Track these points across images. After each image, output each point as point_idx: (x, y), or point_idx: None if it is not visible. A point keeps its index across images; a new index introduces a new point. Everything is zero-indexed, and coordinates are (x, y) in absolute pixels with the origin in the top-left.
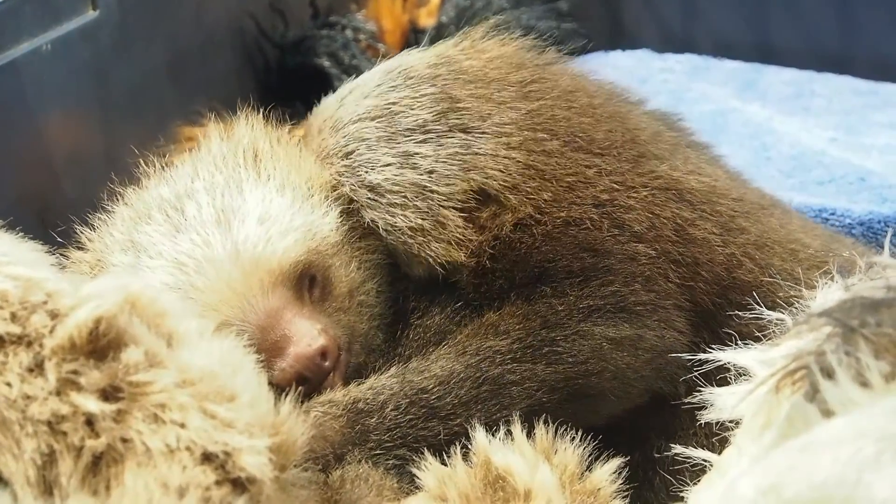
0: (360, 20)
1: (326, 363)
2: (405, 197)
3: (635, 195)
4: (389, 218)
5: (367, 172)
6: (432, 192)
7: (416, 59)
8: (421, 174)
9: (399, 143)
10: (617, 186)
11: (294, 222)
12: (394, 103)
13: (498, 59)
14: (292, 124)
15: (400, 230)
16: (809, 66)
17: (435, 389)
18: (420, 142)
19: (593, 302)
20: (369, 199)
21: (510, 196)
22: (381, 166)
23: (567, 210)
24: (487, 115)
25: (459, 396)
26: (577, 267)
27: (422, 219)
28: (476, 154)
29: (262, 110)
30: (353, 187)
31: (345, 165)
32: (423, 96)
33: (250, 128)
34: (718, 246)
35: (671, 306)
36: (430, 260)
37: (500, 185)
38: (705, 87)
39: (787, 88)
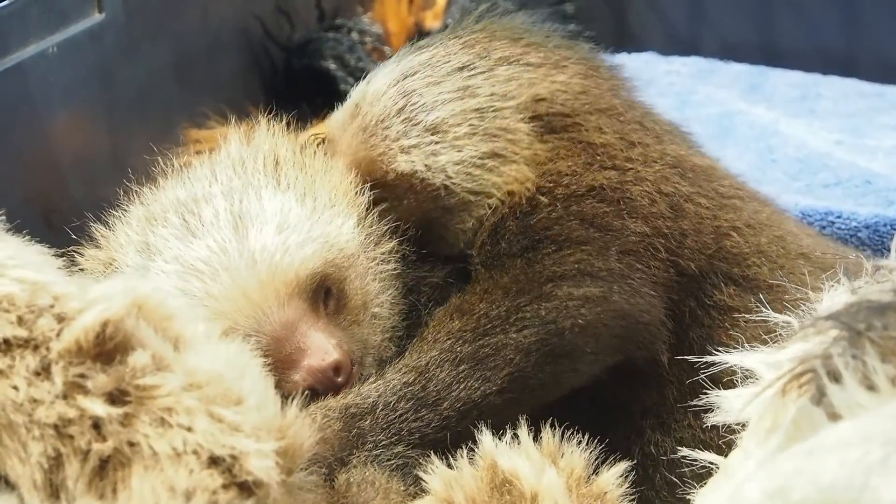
0: (365, 23)
1: (339, 378)
2: (472, 124)
3: (649, 169)
4: (457, 154)
5: (426, 114)
6: (498, 109)
7: (428, 39)
8: (482, 98)
9: (450, 81)
10: (640, 158)
11: (313, 233)
12: (430, 58)
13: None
14: (299, 127)
15: (468, 163)
16: (815, 68)
17: (417, 380)
18: (470, 76)
19: (558, 268)
20: (433, 142)
21: (577, 108)
22: (439, 104)
23: (595, 175)
24: (526, 53)
25: (441, 381)
26: (563, 237)
27: (491, 141)
28: (532, 76)
29: (274, 114)
30: (414, 140)
31: (402, 121)
32: (455, 46)
33: (272, 134)
34: (708, 218)
35: (646, 280)
36: (497, 191)
37: (564, 98)
38: (711, 90)
39: (793, 91)
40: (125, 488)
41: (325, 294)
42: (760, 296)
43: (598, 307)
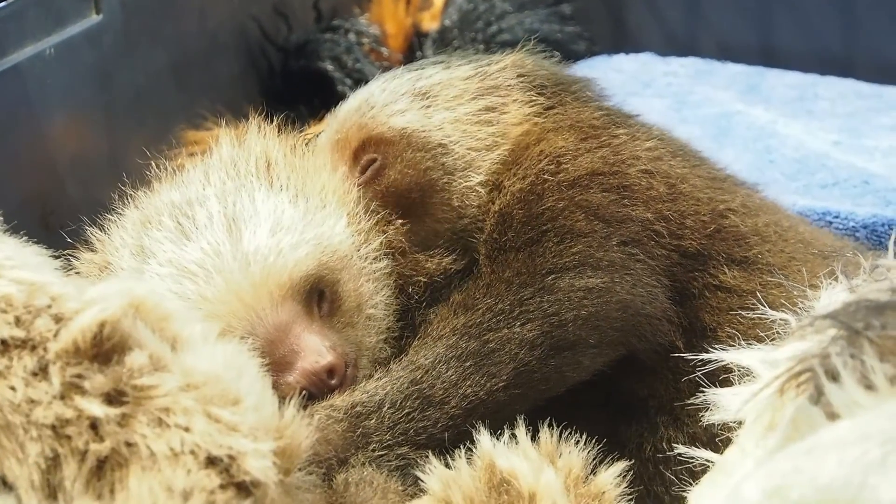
0: (363, 24)
1: (333, 381)
2: (461, 88)
3: (639, 147)
4: (450, 113)
5: (413, 84)
6: (486, 74)
7: None
8: (467, 69)
9: (432, 67)
10: (627, 136)
11: (306, 234)
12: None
13: None
14: (297, 128)
15: (463, 120)
16: (813, 69)
17: (424, 378)
18: (450, 60)
19: (559, 260)
20: (424, 106)
21: (558, 80)
22: (425, 77)
23: (591, 156)
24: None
25: (448, 378)
26: (567, 228)
27: (483, 98)
28: (511, 55)
29: (270, 116)
30: (405, 105)
31: (389, 93)
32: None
33: (263, 135)
34: (704, 201)
35: (648, 269)
36: (502, 139)
37: (545, 73)
38: (709, 91)
39: (791, 91)
40: (123, 489)
41: (319, 296)
42: (766, 278)
43: (600, 298)
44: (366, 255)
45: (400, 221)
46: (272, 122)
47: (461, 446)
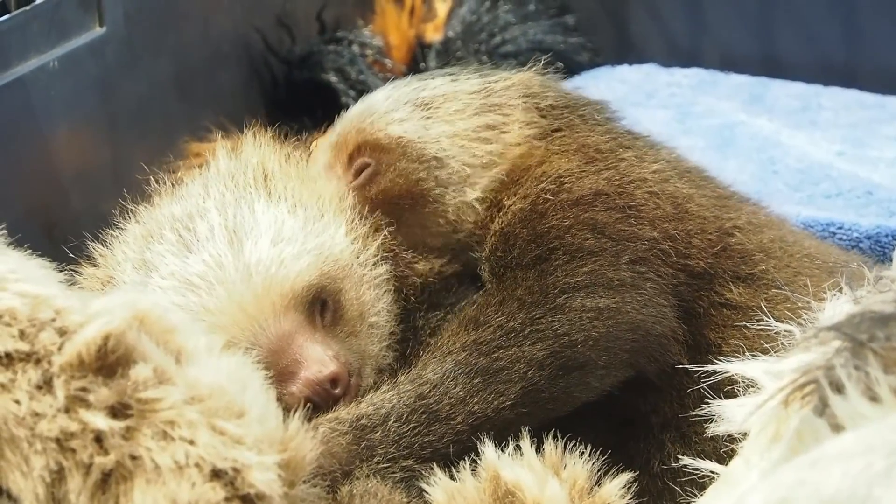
0: (366, 35)
1: (337, 390)
2: (464, 102)
3: (646, 170)
4: (449, 127)
5: (416, 93)
6: (490, 91)
7: None
8: (473, 83)
9: (439, 77)
10: (634, 159)
11: (307, 245)
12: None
13: None
14: (299, 139)
15: (461, 136)
16: (816, 79)
17: (431, 393)
18: (458, 73)
19: (571, 279)
20: (424, 117)
21: (566, 103)
22: (429, 87)
23: (595, 177)
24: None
25: (455, 394)
26: (576, 247)
27: (485, 115)
28: (519, 73)
29: (269, 127)
30: (405, 114)
31: (391, 101)
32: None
33: (258, 146)
34: (710, 219)
35: (657, 288)
36: (499, 159)
37: (554, 94)
38: (712, 101)
39: (794, 102)
40: (128, 502)
41: (321, 306)
42: (771, 293)
43: (611, 319)
44: (365, 263)
45: (391, 227)
46: (270, 132)
47: (466, 457)
